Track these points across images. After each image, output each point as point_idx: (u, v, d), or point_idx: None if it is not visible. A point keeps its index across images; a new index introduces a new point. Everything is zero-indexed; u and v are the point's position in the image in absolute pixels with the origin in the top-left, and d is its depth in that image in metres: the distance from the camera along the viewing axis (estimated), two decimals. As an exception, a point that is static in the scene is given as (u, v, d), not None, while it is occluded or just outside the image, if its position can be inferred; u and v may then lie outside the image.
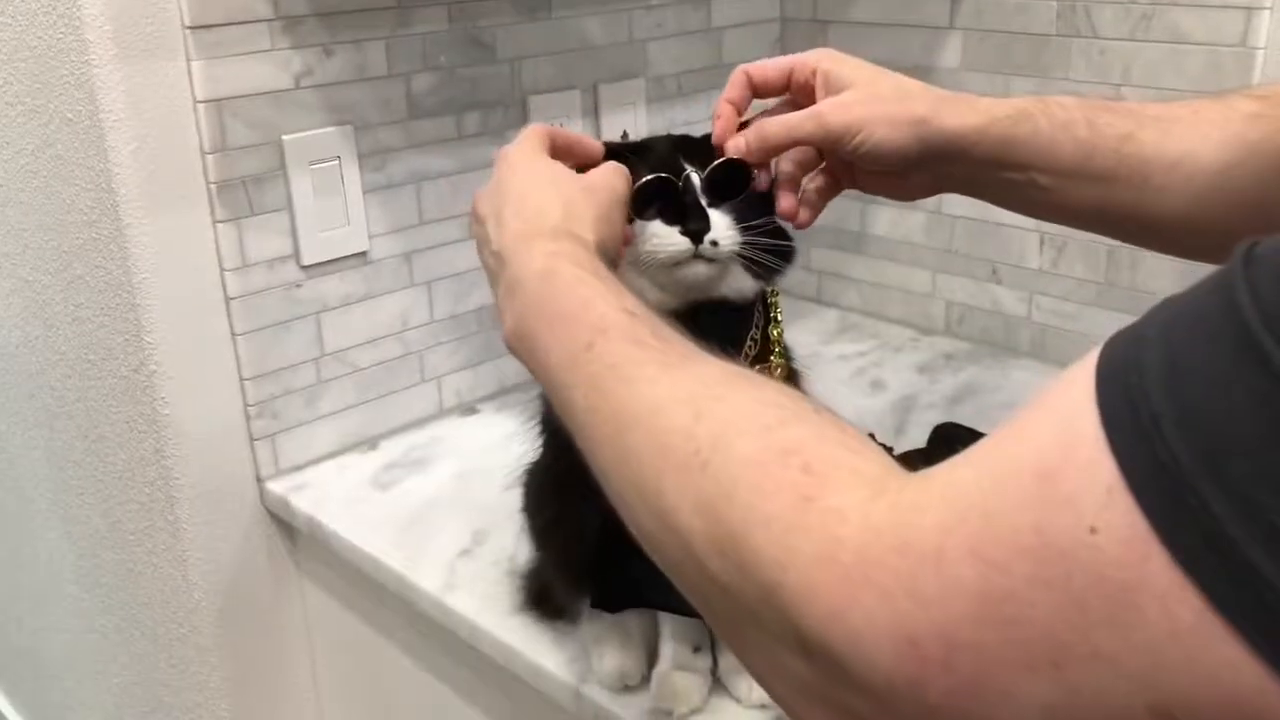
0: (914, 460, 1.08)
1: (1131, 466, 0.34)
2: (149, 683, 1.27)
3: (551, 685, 0.85)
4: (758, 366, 0.81)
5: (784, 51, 1.47)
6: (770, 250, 0.78)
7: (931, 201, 1.38)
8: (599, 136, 1.28)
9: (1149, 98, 1.17)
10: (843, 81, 0.78)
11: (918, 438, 1.15)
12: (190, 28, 0.98)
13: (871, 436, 1.13)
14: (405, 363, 1.21)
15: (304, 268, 1.10)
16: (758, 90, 0.82)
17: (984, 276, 1.37)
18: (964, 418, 1.18)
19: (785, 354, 0.83)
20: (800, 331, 1.46)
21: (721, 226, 0.76)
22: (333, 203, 1.10)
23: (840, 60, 0.79)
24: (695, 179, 0.78)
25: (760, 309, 0.82)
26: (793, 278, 1.57)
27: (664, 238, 0.76)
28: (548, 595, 0.89)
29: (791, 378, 0.83)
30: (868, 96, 0.76)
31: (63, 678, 1.52)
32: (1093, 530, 0.34)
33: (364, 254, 1.15)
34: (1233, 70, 1.11)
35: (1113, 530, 0.34)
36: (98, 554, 1.27)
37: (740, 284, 0.79)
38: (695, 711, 0.80)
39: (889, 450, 1.11)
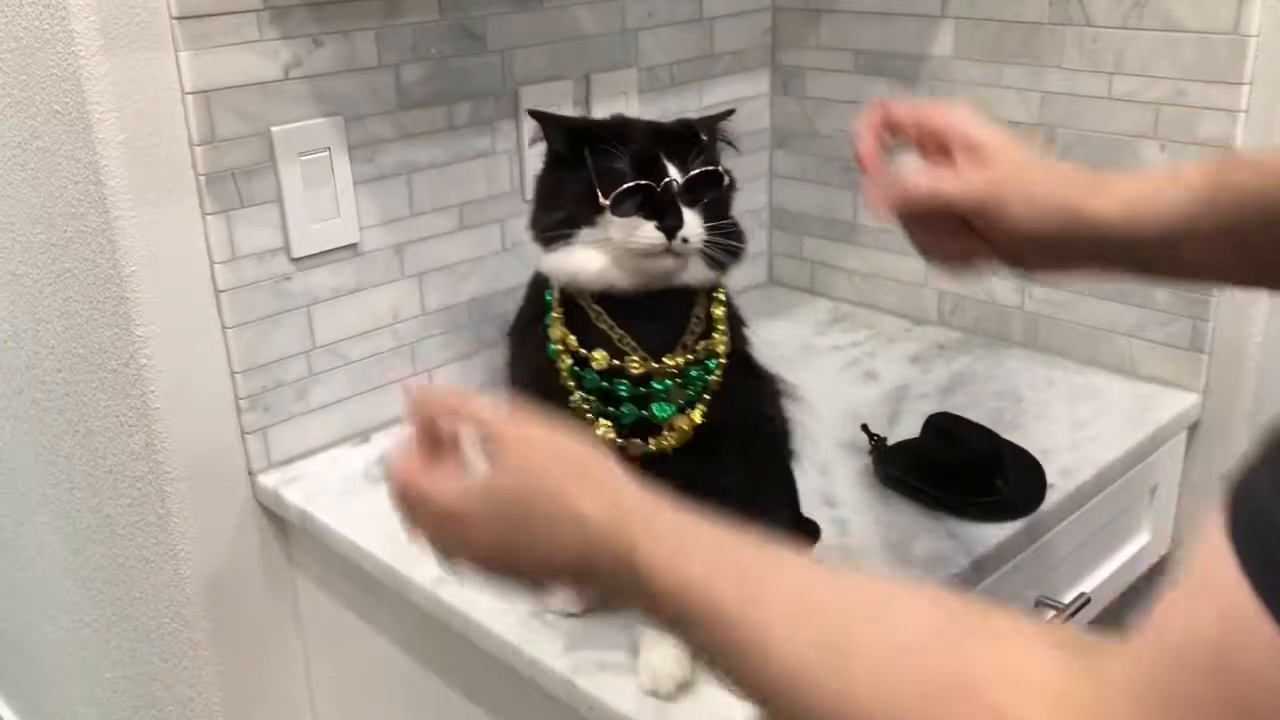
0: (910, 449, 1.09)
1: None
2: (141, 677, 1.26)
3: (546, 677, 0.85)
4: (702, 343, 0.83)
5: (775, 43, 1.48)
6: (728, 248, 0.85)
7: (924, 191, 1.38)
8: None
9: (1141, 86, 1.17)
10: (985, 148, 0.76)
11: (911, 427, 1.15)
12: (178, 18, 0.97)
13: (865, 428, 1.13)
14: (397, 355, 1.21)
15: (294, 260, 1.09)
16: (891, 126, 0.80)
17: (977, 266, 1.37)
18: (956, 406, 1.18)
19: (729, 332, 0.86)
20: (793, 322, 1.46)
21: (693, 225, 0.82)
22: (323, 194, 1.09)
23: (981, 125, 0.78)
24: (675, 182, 0.82)
25: (705, 291, 0.86)
26: (785, 268, 1.57)
27: (642, 232, 0.81)
28: None
29: (734, 356, 0.86)
30: (1014, 171, 0.75)
31: (54, 672, 1.52)
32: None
33: (354, 246, 1.14)
34: (1225, 58, 1.11)
35: None
36: (88, 548, 1.27)
37: (698, 274, 0.85)
38: (682, 686, 0.80)
39: (883, 440, 1.11)
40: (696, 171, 0.82)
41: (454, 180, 1.19)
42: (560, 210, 0.84)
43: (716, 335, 0.85)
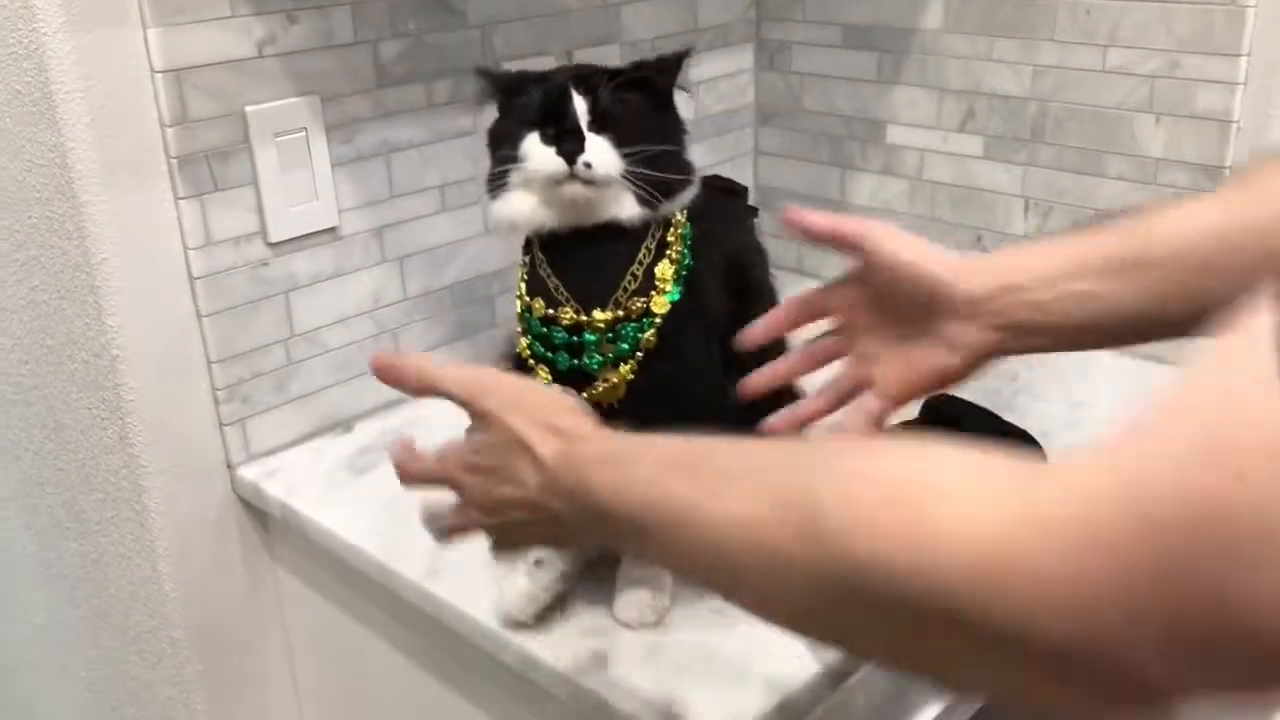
0: (910, 432, 1.06)
1: None
2: (119, 676, 1.22)
3: (544, 674, 0.82)
4: (639, 300, 0.80)
5: (760, 16, 1.44)
6: (657, 181, 0.80)
7: (912, 167, 1.36)
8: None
9: (1136, 59, 1.15)
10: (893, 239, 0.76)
11: (906, 409, 1.13)
12: (145, -7, 0.93)
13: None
14: (378, 342, 1.17)
15: (271, 245, 1.06)
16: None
17: (968, 244, 1.35)
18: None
19: (690, 289, 0.83)
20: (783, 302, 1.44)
21: (599, 151, 0.80)
22: (300, 176, 1.06)
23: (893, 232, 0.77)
24: (579, 102, 0.81)
25: (654, 242, 0.82)
26: (773, 248, 1.53)
27: (538, 158, 0.81)
28: None
29: (669, 322, 0.82)
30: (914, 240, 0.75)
31: (26, 672, 1.48)
32: None
33: (333, 230, 1.10)
34: (1224, 30, 1.09)
35: None
36: (60, 545, 1.23)
37: (624, 209, 0.81)
38: (519, 624, 0.84)
39: (879, 423, 1.08)
40: (606, 100, 0.81)
41: (435, 161, 1.16)
42: (496, 156, 0.85)
43: (654, 294, 0.82)
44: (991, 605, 0.39)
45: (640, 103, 0.83)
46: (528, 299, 0.85)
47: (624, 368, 0.81)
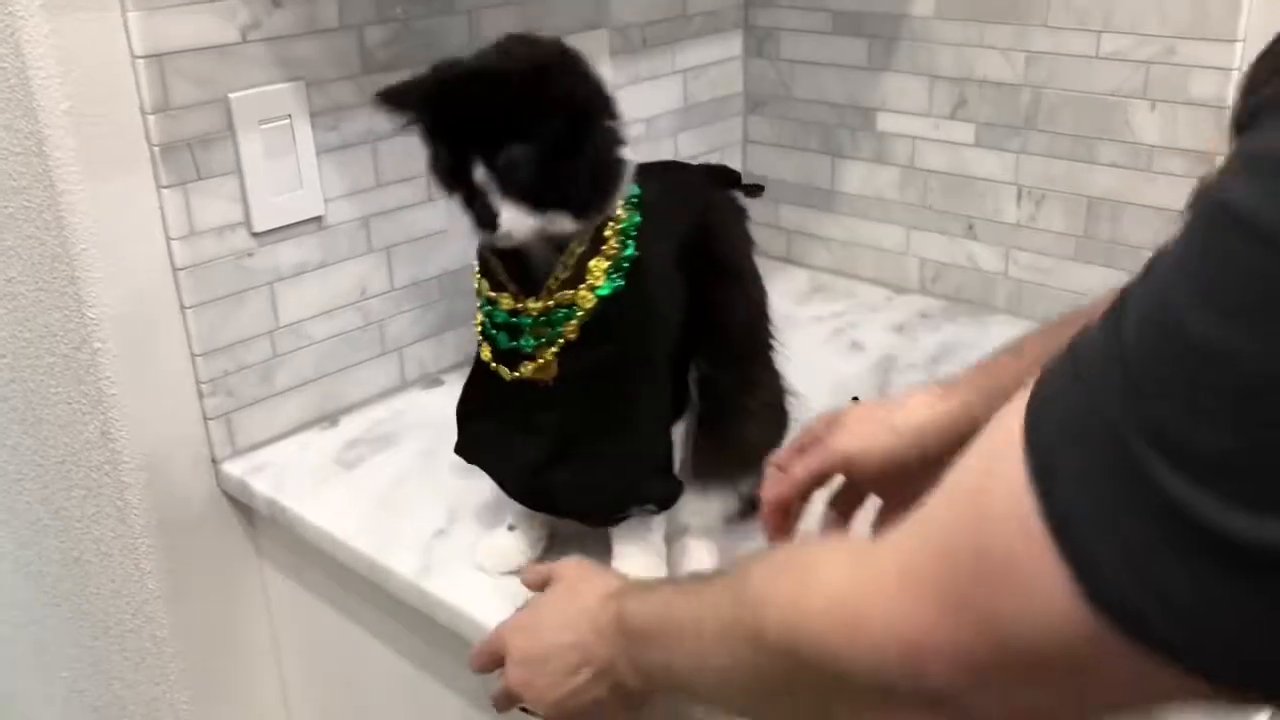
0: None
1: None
2: (100, 676, 1.20)
3: (541, 671, 0.81)
4: (567, 291, 0.80)
5: (747, 2, 1.43)
6: (584, 205, 0.78)
7: (903, 155, 1.35)
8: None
9: (1131, 45, 1.14)
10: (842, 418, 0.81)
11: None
12: (125, -25, 0.90)
13: (856, 400, 1.10)
14: (365, 334, 1.15)
15: (256, 235, 1.03)
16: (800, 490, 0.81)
17: (959, 232, 1.34)
18: (945, 375, 1.15)
19: (604, 298, 0.80)
20: (772, 294, 1.41)
21: (513, 218, 0.76)
22: (285, 165, 1.03)
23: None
24: (480, 172, 0.76)
25: (589, 234, 0.80)
26: (761, 237, 1.52)
27: (465, 220, 0.78)
28: None
29: (602, 324, 0.80)
30: (861, 416, 0.80)
31: (4, 671, 1.45)
32: None
33: (319, 219, 1.08)
34: (1218, 14, 1.08)
35: None
36: (39, 542, 1.20)
37: (560, 228, 0.78)
38: (508, 572, 0.88)
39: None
40: (503, 154, 0.75)
41: (421, 148, 1.13)
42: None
43: (583, 288, 0.80)
44: (849, 649, 0.47)
45: (546, 147, 0.75)
46: (478, 277, 0.84)
47: (550, 352, 0.81)
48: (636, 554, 0.86)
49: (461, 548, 0.92)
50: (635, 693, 0.67)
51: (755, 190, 0.99)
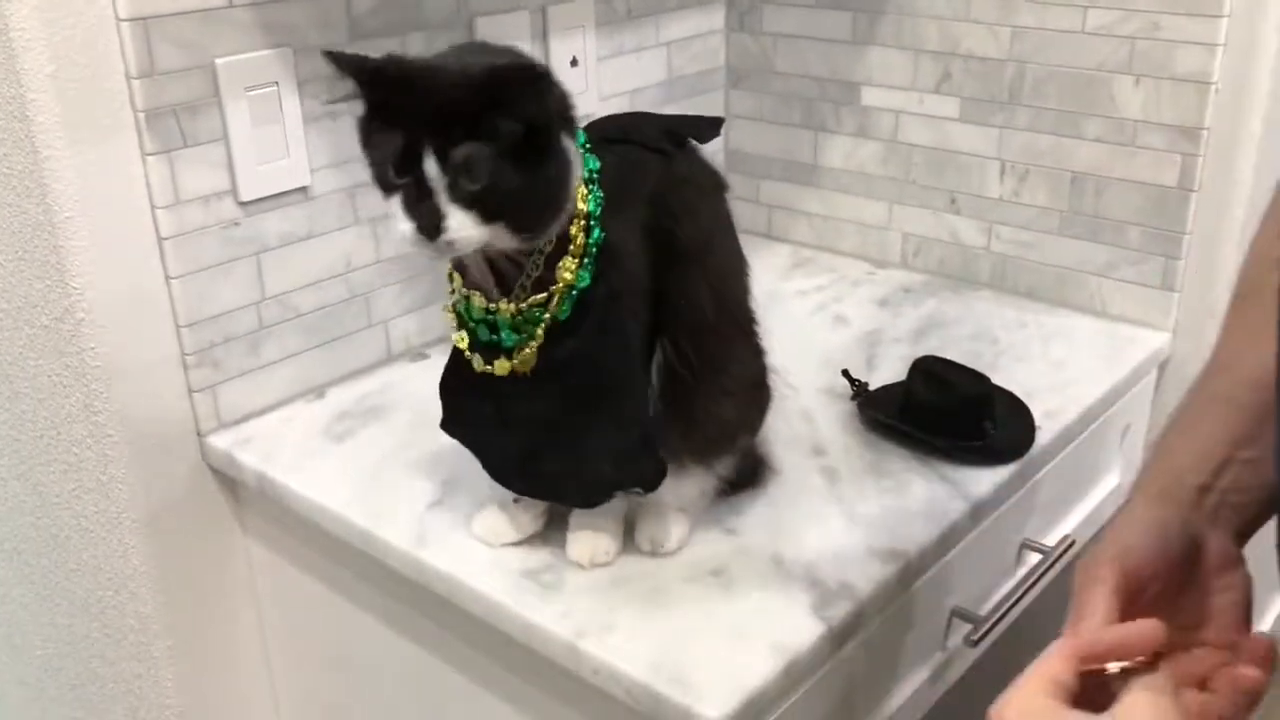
0: (894, 394, 1.06)
1: None
2: (79, 655, 1.18)
3: (543, 641, 0.81)
4: (539, 295, 0.78)
5: (732, -25, 1.42)
6: (528, 216, 0.73)
7: (886, 129, 1.36)
8: (547, 60, 1.22)
9: (1116, 20, 1.15)
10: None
11: (889, 371, 1.13)
12: (110, -65, 0.88)
13: (845, 373, 1.10)
14: (351, 306, 1.14)
15: (242, 204, 1.01)
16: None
17: (942, 207, 1.35)
18: (931, 349, 1.16)
19: (577, 293, 0.78)
20: (753, 268, 1.42)
21: (461, 225, 0.71)
22: (271, 133, 1.01)
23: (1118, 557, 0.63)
24: (431, 166, 0.70)
25: (555, 241, 0.77)
26: (742, 212, 1.52)
27: (402, 226, 0.72)
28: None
29: (577, 318, 0.78)
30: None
31: (-25, 653, 1.42)
32: None
33: (305, 189, 1.06)
34: (1204, -10, 1.09)
35: None
36: (13, 519, 1.17)
37: (500, 244, 0.74)
38: (507, 544, 0.88)
39: (864, 385, 1.08)
40: (461, 159, 0.69)
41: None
42: (375, 181, 0.75)
43: (555, 289, 0.77)
44: None
45: (504, 156, 0.71)
46: (451, 269, 0.82)
47: (530, 348, 0.79)
48: (588, 538, 0.86)
49: (458, 519, 0.92)
50: None
51: (709, 130, 0.87)
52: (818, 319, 1.29)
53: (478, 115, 0.70)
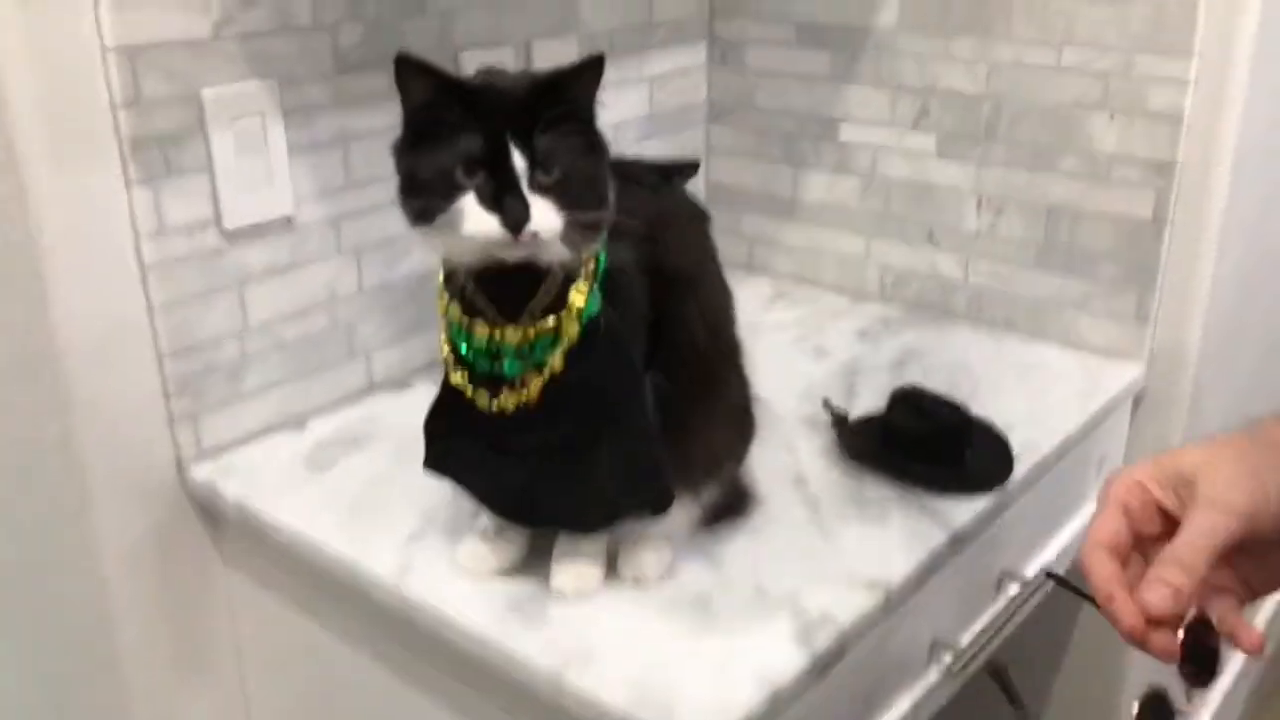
0: (874, 424, 1.07)
1: None
2: (53, 689, 1.16)
3: (527, 672, 0.80)
4: (550, 318, 0.78)
5: (712, 12, 1.44)
6: (588, 230, 0.75)
7: (865, 164, 1.37)
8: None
9: (1091, 57, 1.17)
10: (1187, 474, 0.62)
11: (868, 401, 1.14)
12: (98, -34, 0.88)
13: (826, 402, 1.11)
14: (333, 336, 1.14)
15: (226, 234, 1.02)
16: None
17: (919, 240, 1.36)
18: (909, 380, 1.17)
19: (589, 319, 0.79)
20: (735, 300, 1.43)
21: (544, 216, 0.73)
22: (256, 163, 1.02)
23: (1165, 462, 0.64)
24: (518, 158, 0.72)
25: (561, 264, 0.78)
26: (723, 245, 1.53)
27: (478, 224, 0.72)
28: None
29: (585, 344, 0.78)
30: (1236, 473, 0.61)
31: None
32: None
33: (289, 219, 1.06)
34: (1175, 28, 1.12)
35: None
36: (-12, 552, 1.16)
37: (555, 254, 0.76)
38: (495, 572, 0.88)
39: (844, 415, 1.09)
40: (544, 149, 0.72)
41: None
42: (419, 195, 0.75)
43: (566, 315, 0.78)
44: None
45: (573, 144, 0.74)
46: (445, 300, 0.81)
47: (536, 380, 0.79)
48: (572, 568, 0.86)
49: (440, 549, 0.91)
50: None
51: (689, 170, 0.94)
52: (798, 350, 1.30)
53: (555, 105, 0.73)
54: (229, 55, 0.98)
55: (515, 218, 0.72)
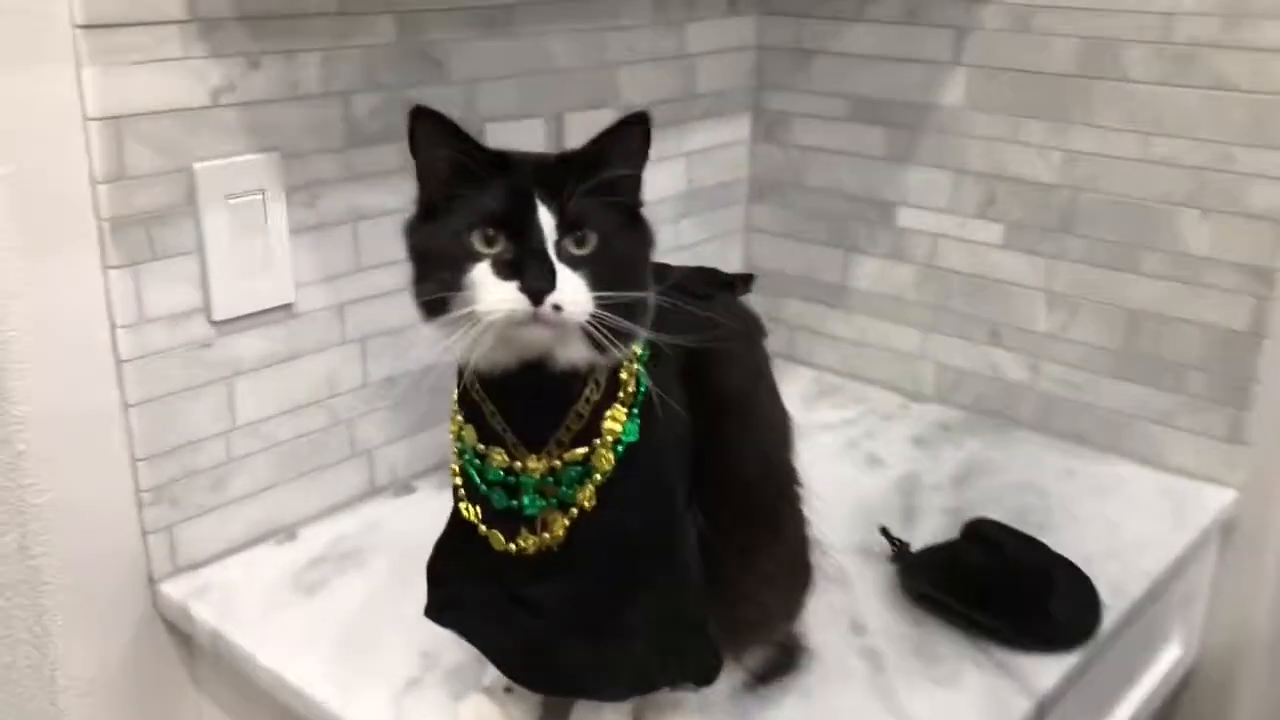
0: (939, 557, 0.94)
1: None
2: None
3: None
4: (580, 449, 0.66)
5: (759, 84, 1.33)
6: (620, 328, 0.63)
7: (923, 252, 1.26)
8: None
9: (1184, 149, 1.06)
10: None
11: (930, 526, 1.01)
12: (82, 27, 0.78)
13: (884, 531, 0.98)
14: (332, 434, 1.02)
15: (215, 324, 0.91)
16: None
17: (982, 338, 1.24)
18: (975, 500, 1.06)
19: (623, 450, 0.67)
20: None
21: (571, 289, 0.62)
22: (253, 245, 0.91)
23: None
24: (546, 220, 0.62)
25: (595, 382, 0.67)
26: (763, 333, 1.42)
27: (494, 296, 0.61)
28: None
29: (620, 480, 0.67)
30: None
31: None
32: None
33: (289, 306, 0.96)
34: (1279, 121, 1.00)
35: None
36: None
37: (573, 354, 0.65)
38: None
39: (906, 546, 0.96)
40: (576, 211, 0.62)
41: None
42: (430, 274, 0.65)
43: (602, 449, 0.67)
44: None
45: (612, 216, 0.64)
46: (460, 421, 0.70)
47: (561, 521, 0.67)
48: None
49: (441, 704, 0.79)
50: None
51: (746, 282, 0.83)
52: (848, 457, 1.17)
53: (593, 169, 0.64)
54: (225, 125, 0.87)
55: (536, 284, 0.61)
